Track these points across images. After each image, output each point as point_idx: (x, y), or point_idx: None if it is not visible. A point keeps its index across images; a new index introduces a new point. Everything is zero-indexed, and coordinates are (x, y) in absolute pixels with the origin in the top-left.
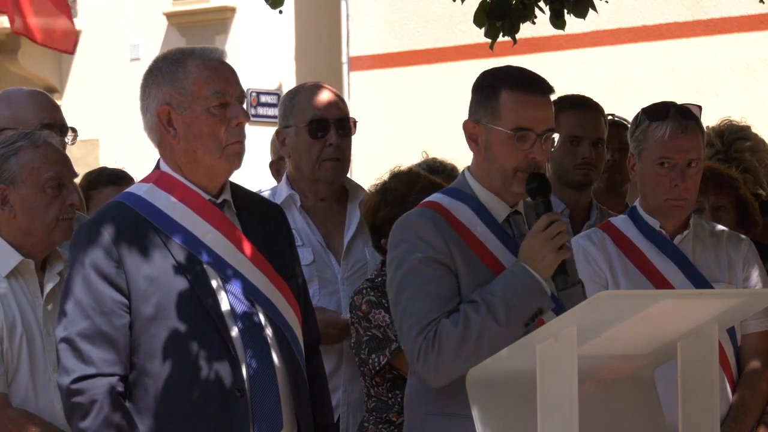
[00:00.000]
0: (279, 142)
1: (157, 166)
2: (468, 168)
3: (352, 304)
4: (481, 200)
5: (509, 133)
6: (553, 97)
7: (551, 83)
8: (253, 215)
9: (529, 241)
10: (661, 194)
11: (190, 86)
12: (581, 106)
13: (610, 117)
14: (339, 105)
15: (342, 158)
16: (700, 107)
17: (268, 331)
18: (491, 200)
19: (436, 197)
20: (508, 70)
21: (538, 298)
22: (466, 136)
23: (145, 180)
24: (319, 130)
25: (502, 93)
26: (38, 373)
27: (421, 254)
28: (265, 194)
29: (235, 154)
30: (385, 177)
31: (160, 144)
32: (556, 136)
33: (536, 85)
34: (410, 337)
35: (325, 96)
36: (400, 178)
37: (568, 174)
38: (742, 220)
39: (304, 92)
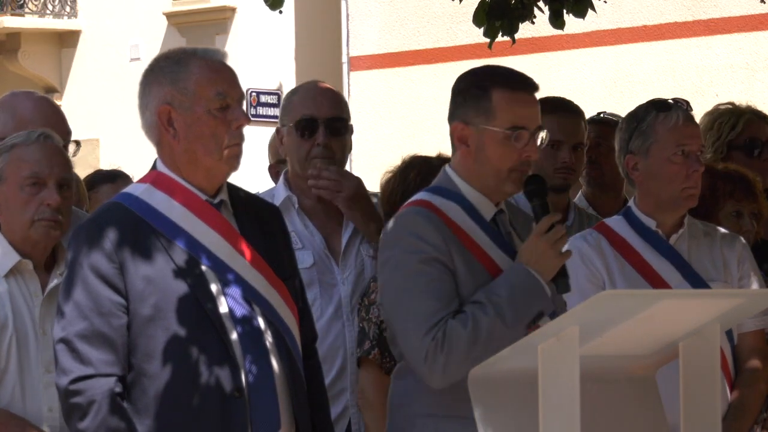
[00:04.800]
0: (278, 140)
1: (154, 167)
2: (449, 165)
3: (368, 291)
4: (468, 199)
5: (506, 132)
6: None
7: (551, 83)
8: (250, 215)
9: (531, 242)
10: (678, 184)
11: (192, 87)
12: (562, 110)
13: (601, 115)
14: (332, 104)
15: (333, 157)
16: (687, 102)
17: (267, 333)
18: (479, 199)
19: (425, 196)
20: (496, 69)
21: (540, 301)
22: (454, 138)
23: (142, 180)
24: (306, 129)
25: (493, 93)
26: (28, 374)
27: (423, 254)
28: (263, 196)
29: (234, 157)
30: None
31: (159, 143)
32: (544, 134)
33: (526, 82)
34: (417, 338)
35: (318, 95)
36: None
37: (548, 178)
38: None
39: (300, 91)
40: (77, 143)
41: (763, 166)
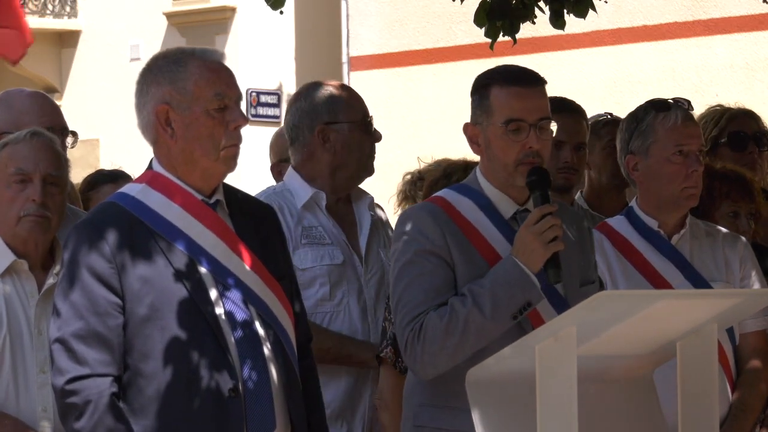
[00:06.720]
0: (320, 139)
1: (150, 166)
2: (479, 166)
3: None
4: (488, 196)
5: (502, 126)
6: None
7: (552, 83)
8: (246, 215)
9: (520, 234)
10: (679, 183)
11: (191, 87)
12: (563, 111)
13: (608, 115)
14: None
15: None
16: (689, 101)
17: (263, 333)
18: (499, 197)
19: (442, 192)
20: (498, 68)
21: (526, 291)
22: (467, 139)
23: (138, 180)
24: (371, 127)
25: (492, 90)
26: (22, 373)
27: (418, 246)
28: (268, 192)
29: (231, 158)
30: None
31: (155, 143)
32: (553, 125)
33: (524, 77)
34: (400, 328)
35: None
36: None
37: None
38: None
39: (347, 88)
40: (74, 133)
41: (750, 159)
